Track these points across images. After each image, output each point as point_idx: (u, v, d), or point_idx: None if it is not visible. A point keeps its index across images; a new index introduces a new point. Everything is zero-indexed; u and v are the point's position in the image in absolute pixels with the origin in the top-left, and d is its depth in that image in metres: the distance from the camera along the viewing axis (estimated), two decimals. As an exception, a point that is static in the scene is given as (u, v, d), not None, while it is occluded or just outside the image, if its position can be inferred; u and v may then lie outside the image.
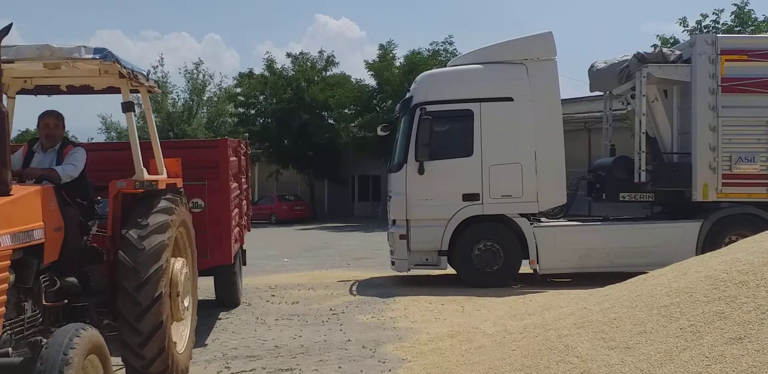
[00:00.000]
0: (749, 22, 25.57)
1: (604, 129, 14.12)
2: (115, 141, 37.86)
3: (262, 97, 37.24)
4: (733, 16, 25.78)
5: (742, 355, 4.23)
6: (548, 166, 11.62)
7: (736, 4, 25.67)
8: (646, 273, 7.42)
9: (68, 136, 7.56)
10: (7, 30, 4.56)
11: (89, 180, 6.10)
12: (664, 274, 6.62)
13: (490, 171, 11.57)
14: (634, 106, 12.38)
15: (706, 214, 11.63)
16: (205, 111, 41.42)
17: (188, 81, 40.65)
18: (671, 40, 25.56)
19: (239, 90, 38.47)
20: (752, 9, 25.80)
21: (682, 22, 26.15)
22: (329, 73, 37.48)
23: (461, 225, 11.54)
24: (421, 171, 11.56)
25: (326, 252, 18.88)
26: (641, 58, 11.84)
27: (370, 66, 33.99)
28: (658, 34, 26.68)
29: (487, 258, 11.52)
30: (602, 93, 14.16)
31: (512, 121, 11.64)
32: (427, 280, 12.42)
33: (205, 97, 41.21)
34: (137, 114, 26.19)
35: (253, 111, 37.53)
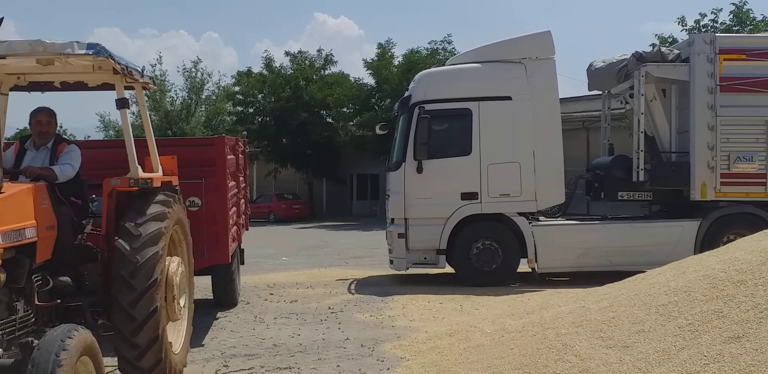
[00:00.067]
0: (747, 22, 25.58)
1: (602, 128, 14.13)
2: (112, 139, 37.83)
3: (260, 96, 37.25)
4: (731, 16, 25.79)
5: (740, 354, 4.24)
6: (547, 165, 11.62)
7: (734, 4, 25.70)
8: (644, 272, 7.44)
9: (62, 133, 7.50)
10: None
11: (83, 178, 6.03)
12: (662, 273, 6.63)
13: (488, 170, 11.57)
14: (632, 105, 12.39)
15: (704, 213, 11.65)
16: (203, 109, 41.41)
17: (186, 79, 40.68)
18: (670, 40, 25.57)
19: (238, 88, 38.49)
20: (750, 8, 25.87)
21: (680, 22, 26.18)
22: (328, 72, 37.48)
23: (460, 224, 11.54)
24: (419, 170, 11.56)
25: (325, 250, 18.88)
26: (640, 58, 11.85)
27: (368, 65, 34.00)
28: (656, 34, 26.77)
29: (485, 257, 11.53)
30: (601, 92, 14.17)
31: (511, 120, 11.64)
32: (425, 279, 12.43)
33: (203, 96, 41.20)
34: (135, 112, 26.14)
35: (251, 109, 37.53)
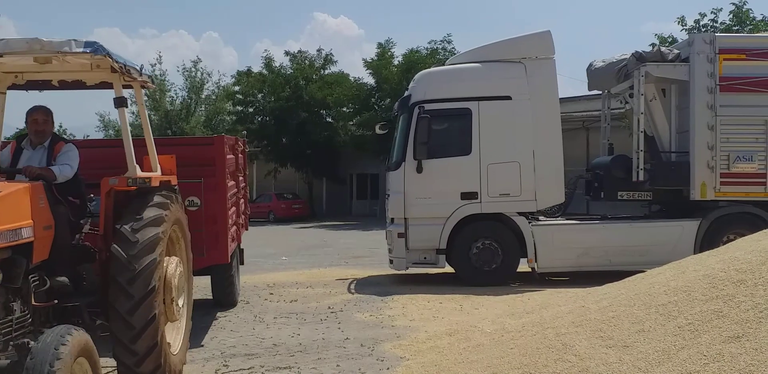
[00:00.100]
0: (747, 22, 25.57)
1: (602, 128, 14.12)
2: (111, 138, 37.80)
3: (260, 95, 37.26)
4: (731, 16, 25.78)
5: (740, 354, 4.24)
6: (546, 165, 11.62)
7: (734, 4, 25.69)
8: (644, 271, 7.44)
9: (61, 133, 7.47)
10: None
11: (81, 177, 5.96)
12: (662, 273, 6.62)
13: (488, 169, 11.57)
14: (632, 105, 12.38)
15: (704, 213, 11.65)
16: (203, 109, 41.40)
17: (186, 79, 40.69)
18: (669, 39, 25.58)
19: (237, 88, 38.51)
20: (750, 8, 25.85)
21: (680, 21, 26.17)
22: (327, 72, 37.50)
23: (459, 223, 11.54)
24: (419, 169, 11.56)
25: (324, 250, 18.88)
26: (639, 57, 11.85)
27: (368, 64, 34.00)
28: (656, 33, 26.75)
29: (485, 256, 11.53)
30: (601, 92, 14.17)
31: (510, 120, 11.64)
32: (425, 279, 12.43)
33: (203, 95, 41.21)
34: (134, 111, 26.09)
35: (251, 109, 37.55)
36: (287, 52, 38.14)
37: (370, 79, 34.39)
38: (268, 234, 24.12)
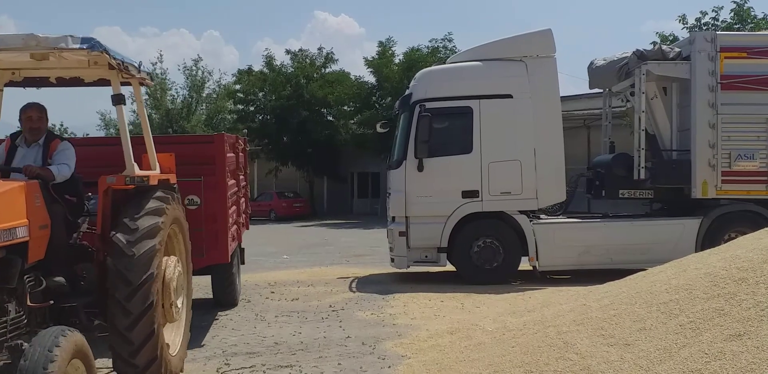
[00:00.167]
0: (748, 20, 25.54)
1: (603, 126, 14.12)
2: (109, 136, 37.77)
3: (261, 94, 37.23)
4: (732, 14, 25.75)
5: (741, 352, 4.24)
6: (547, 163, 11.62)
7: (735, 2, 25.64)
8: (645, 270, 7.44)
9: (62, 132, 7.43)
10: None
11: (79, 175, 5.88)
12: (663, 271, 6.62)
13: (489, 168, 11.57)
14: (633, 104, 12.38)
15: (705, 211, 11.65)
16: (204, 108, 41.36)
17: (187, 77, 40.61)
18: (671, 38, 25.56)
19: (238, 87, 38.47)
20: (752, 6, 25.83)
21: (681, 20, 26.16)
22: (328, 70, 37.44)
23: (461, 222, 11.54)
24: (420, 168, 11.56)
25: (325, 249, 18.89)
26: (640, 56, 11.84)
27: (369, 63, 33.97)
28: (657, 32, 26.69)
29: (486, 255, 11.53)
30: (602, 90, 14.16)
31: (511, 118, 11.64)
32: (426, 277, 12.43)
33: (204, 94, 41.14)
34: (135, 109, 26.02)
35: (252, 108, 37.52)
36: (288, 51, 38.10)
37: (371, 78, 34.42)
38: (269, 232, 24.14)
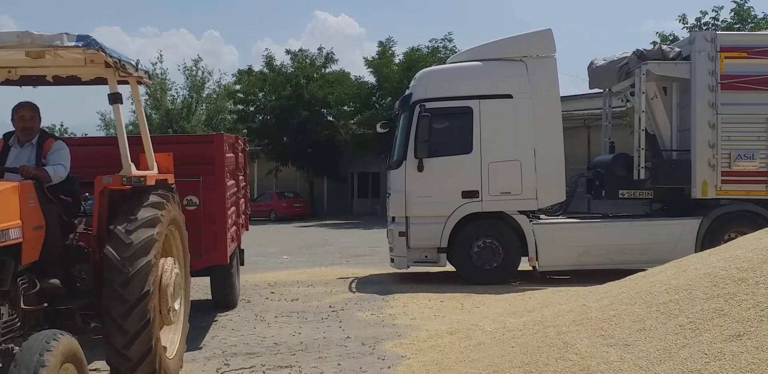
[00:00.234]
0: (749, 20, 25.54)
1: (603, 126, 14.12)
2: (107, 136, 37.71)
3: (261, 94, 37.25)
4: (732, 14, 25.74)
5: (741, 352, 4.24)
6: (547, 163, 11.62)
7: (735, 2, 25.64)
8: (645, 270, 7.44)
9: (63, 132, 7.36)
10: None
11: (74, 175, 5.76)
12: (663, 271, 6.61)
13: (489, 168, 11.56)
14: (633, 104, 12.38)
15: (705, 211, 11.65)
16: (204, 108, 41.37)
17: (187, 78, 40.63)
18: (671, 38, 25.55)
19: (238, 87, 38.50)
20: (752, 6, 25.87)
21: (681, 20, 26.14)
22: (328, 70, 37.46)
23: (460, 222, 11.54)
24: (420, 168, 11.55)
25: (325, 249, 18.89)
26: (640, 56, 11.84)
27: (369, 63, 33.98)
28: (657, 31, 26.67)
29: (486, 255, 11.53)
30: (602, 90, 14.16)
31: (511, 118, 11.64)
32: (426, 277, 12.43)
33: (204, 94, 41.16)
34: (134, 109, 26.03)
35: (252, 108, 37.54)
36: (288, 51, 38.12)
37: (371, 78, 34.42)
38: (269, 233, 24.14)
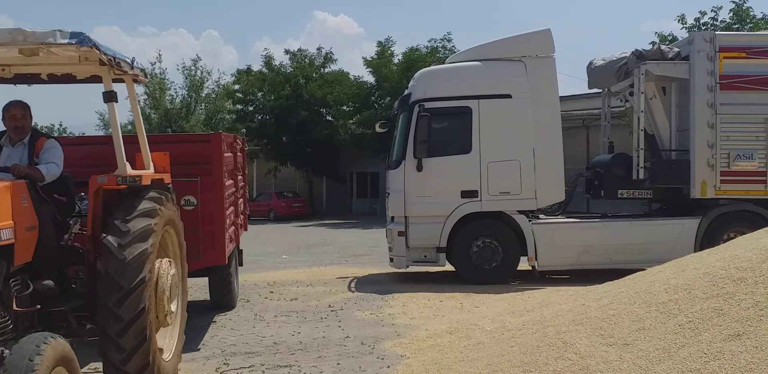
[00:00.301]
0: (747, 20, 25.55)
1: (602, 126, 14.12)
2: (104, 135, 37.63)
3: (260, 94, 37.29)
4: (731, 14, 25.75)
5: (740, 352, 4.24)
6: (546, 163, 11.62)
7: (734, 2, 25.65)
8: (644, 269, 7.44)
9: (59, 131, 7.28)
10: None
11: (68, 174, 5.71)
12: (662, 271, 6.62)
13: (488, 168, 11.56)
14: (632, 103, 12.38)
15: (704, 211, 11.65)
16: (203, 107, 41.38)
17: (186, 77, 40.64)
18: (670, 38, 25.55)
19: (237, 87, 38.54)
20: (750, 6, 25.81)
21: (680, 20, 26.15)
22: (327, 70, 37.50)
23: (460, 222, 11.54)
24: (419, 168, 11.55)
25: (325, 249, 18.89)
26: (639, 56, 11.84)
27: (368, 63, 34.01)
28: (656, 32, 26.68)
29: (485, 254, 11.53)
30: (601, 90, 14.16)
31: (511, 118, 11.64)
32: (425, 277, 12.43)
33: (203, 94, 41.17)
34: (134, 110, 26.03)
35: (251, 108, 37.57)
36: (287, 51, 38.21)
37: (370, 78, 34.46)
38: (268, 232, 24.14)
